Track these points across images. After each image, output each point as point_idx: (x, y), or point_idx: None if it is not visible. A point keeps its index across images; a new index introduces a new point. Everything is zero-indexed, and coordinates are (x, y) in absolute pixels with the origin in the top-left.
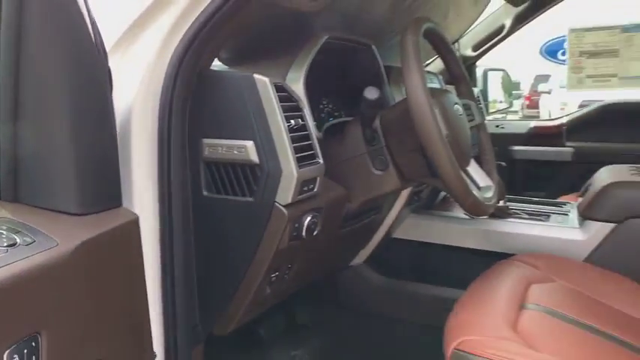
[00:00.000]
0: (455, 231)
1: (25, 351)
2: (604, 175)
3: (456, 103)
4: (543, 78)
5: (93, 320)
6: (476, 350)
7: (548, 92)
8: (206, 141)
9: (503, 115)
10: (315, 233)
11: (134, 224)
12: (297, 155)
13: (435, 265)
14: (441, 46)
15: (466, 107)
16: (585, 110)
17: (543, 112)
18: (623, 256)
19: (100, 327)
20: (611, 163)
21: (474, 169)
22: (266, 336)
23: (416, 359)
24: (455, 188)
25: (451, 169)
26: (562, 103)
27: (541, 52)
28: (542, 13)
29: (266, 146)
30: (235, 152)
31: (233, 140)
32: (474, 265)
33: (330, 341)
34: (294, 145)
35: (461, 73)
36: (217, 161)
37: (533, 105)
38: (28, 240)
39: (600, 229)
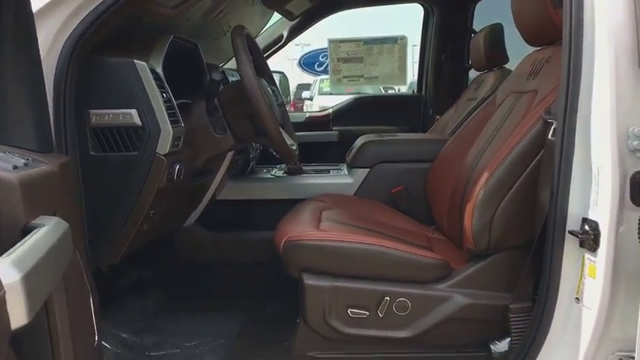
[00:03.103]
0: (264, 188)
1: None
2: (360, 140)
3: (267, 86)
4: (305, 86)
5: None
6: (297, 237)
7: (310, 99)
8: (93, 111)
9: None
10: (181, 177)
11: (67, 162)
12: (169, 119)
13: (252, 216)
14: (252, 46)
15: (272, 90)
16: (344, 102)
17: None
18: (376, 189)
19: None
20: None
21: (281, 131)
22: (125, 287)
23: (247, 292)
24: (277, 141)
25: (274, 127)
26: (321, 107)
27: (300, 65)
28: (309, 27)
29: (147, 112)
30: (121, 118)
31: (118, 109)
32: (281, 211)
33: (173, 291)
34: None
35: (267, 67)
36: (104, 126)
37: (298, 110)
38: (31, 160)
39: (361, 173)
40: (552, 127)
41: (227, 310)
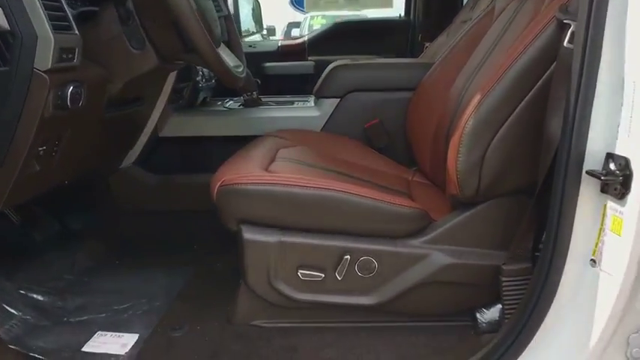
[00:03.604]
0: (216, 123)
1: None
2: (330, 66)
3: None
4: (295, 24)
5: None
6: (233, 180)
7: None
8: None
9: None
10: (80, 104)
11: None
12: (52, 23)
13: (203, 155)
14: None
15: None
16: (322, 28)
17: None
18: (347, 122)
19: None
20: None
21: (224, 51)
22: (40, 240)
23: (195, 241)
24: (210, 58)
25: (204, 39)
26: None
27: (291, 3)
28: None
29: (16, 11)
30: None
31: None
32: (235, 150)
33: (108, 244)
34: (48, 12)
35: None
36: None
37: None
38: None
39: (330, 105)
40: (569, 31)
41: (171, 266)
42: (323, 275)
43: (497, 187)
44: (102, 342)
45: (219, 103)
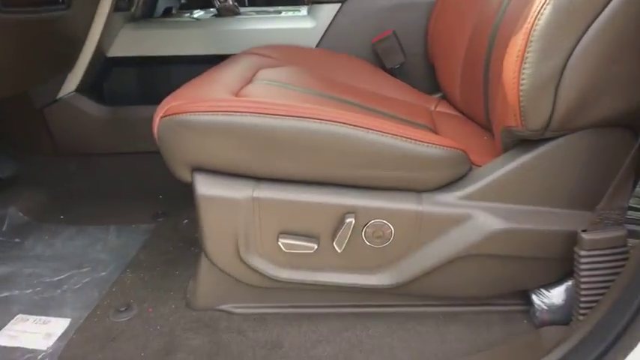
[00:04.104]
0: (182, 38)
1: None
2: None
3: None
4: None
5: None
6: (181, 109)
7: None
8: None
9: None
10: None
11: None
12: None
13: (166, 80)
14: None
15: None
16: None
17: None
18: (350, 36)
19: None
20: None
21: None
22: None
23: (157, 194)
24: None
25: None
26: None
27: None
28: None
29: None
30: None
31: None
32: None
33: (51, 192)
34: None
35: None
36: None
37: None
38: None
39: (327, 13)
40: None
41: (125, 223)
42: (315, 246)
43: (581, 115)
44: (21, 330)
45: (187, 15)
